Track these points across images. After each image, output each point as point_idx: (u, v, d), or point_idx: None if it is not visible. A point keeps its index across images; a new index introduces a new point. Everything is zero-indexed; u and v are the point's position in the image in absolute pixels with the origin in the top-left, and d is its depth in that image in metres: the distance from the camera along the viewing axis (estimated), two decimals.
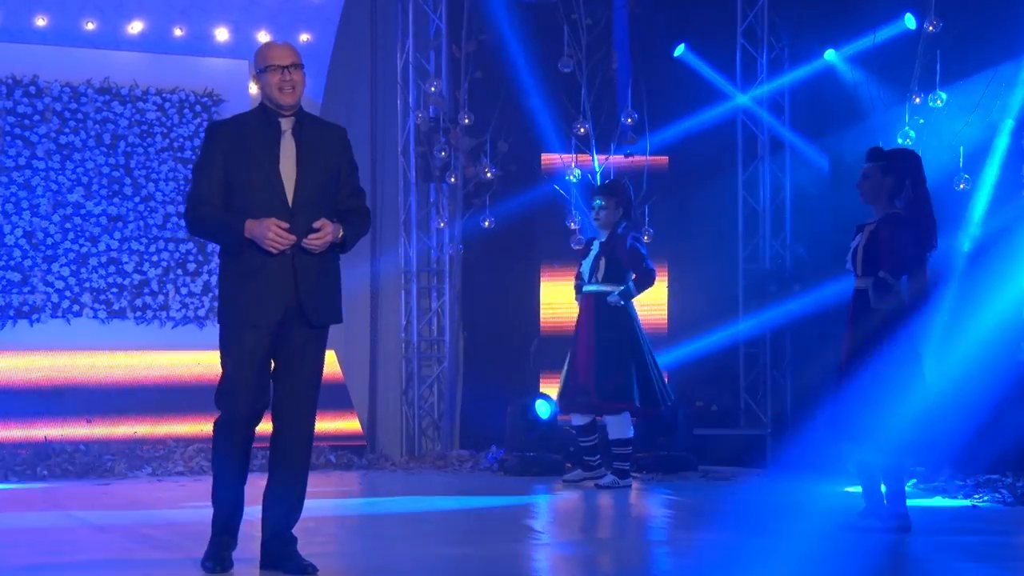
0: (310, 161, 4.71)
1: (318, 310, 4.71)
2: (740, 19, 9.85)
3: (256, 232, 4.62)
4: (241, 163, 4.69)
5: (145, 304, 9.60)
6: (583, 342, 7.93)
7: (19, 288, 9.31)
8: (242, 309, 4.68)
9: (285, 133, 4.74)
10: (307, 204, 4.68)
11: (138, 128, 9.62)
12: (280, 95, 4.72)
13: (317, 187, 4.71)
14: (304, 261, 4.67)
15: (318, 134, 4.79)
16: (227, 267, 4.77)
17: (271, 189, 4.66)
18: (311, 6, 9.86)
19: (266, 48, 4.83)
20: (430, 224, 10.02)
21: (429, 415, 9.99)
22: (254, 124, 4.79)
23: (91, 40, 9.51)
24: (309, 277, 4.68)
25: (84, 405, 9.07)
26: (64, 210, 9.43)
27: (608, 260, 7.95)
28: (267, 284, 4.66)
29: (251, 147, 4.72)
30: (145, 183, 9.65)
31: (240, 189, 4.68)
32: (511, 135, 9.69)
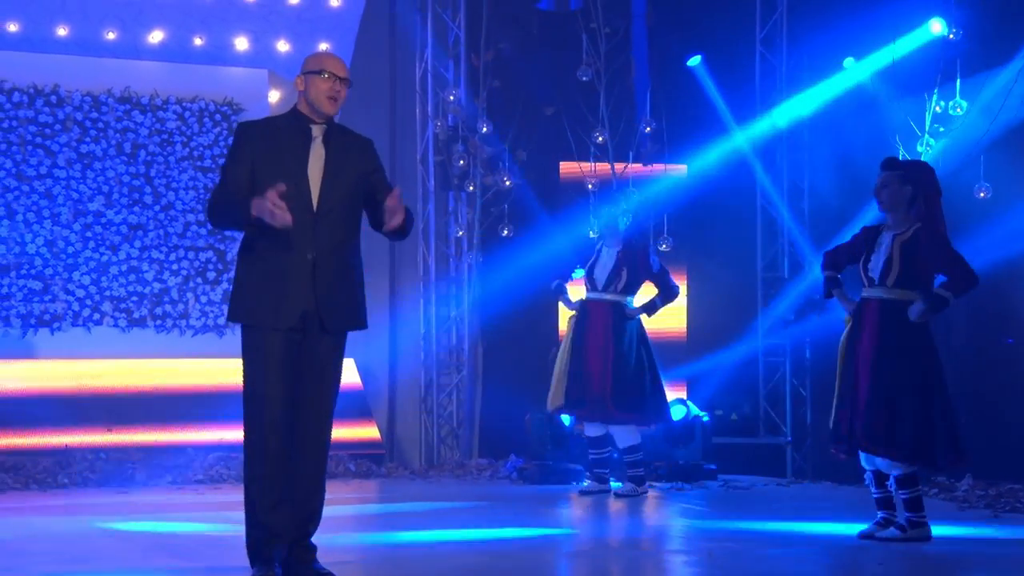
0: (338, 168, 4.72)
1: (336, 315, 4.69)
2: (759, 27, 9.85)
3: (259, 205, 4.56)
4: (270, 163, 4.68)
5: (165, 312, 9.62)
6: (597, 351, 7.88)
7: (40, 297, 9.35)
8: (260, 311, 4.65)
9: (315, 140, 4.74)
10: (332, 210, 4.68)
11: (158, 137, 9.66)
12: (327, 103, 4.73)
13: (343, 194, 4.71)
14: (325, 266, 4.66)
15: (347, 143, 4.80)
16: (245, 270, 4.74)
17: (297, 192, 4.64)
18: (330, 15, 9.89)
19: (324, 55, 4.86)
20: (449, 233, 10.06)
21: (448, 423, 9.99)
22: (285, 127, 4.79)
23: (112, 50, 9.54)
24: (329, 282, 4.66)
25: (104, 413, 9.09)
26: (85, 219, 9.47)
27: (630, 271, 7.92)
28: (285, 287, 4.64)
29: (281, 149, 4.71)
30: (165, 192, 9.67)
31: (267, 188, 4.63)
32: (529, 144, 9.73)
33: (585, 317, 7.95)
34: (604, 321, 7.93)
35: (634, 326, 7.96)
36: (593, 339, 7.94)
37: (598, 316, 7.94)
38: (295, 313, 4.64)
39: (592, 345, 7.92)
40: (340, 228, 4.69)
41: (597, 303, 7.96)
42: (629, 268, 7.91)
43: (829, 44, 9.33)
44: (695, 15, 9.81)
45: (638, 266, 7.94)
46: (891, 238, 6.07)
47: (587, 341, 7.93)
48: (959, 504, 7.50)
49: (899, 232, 6.06)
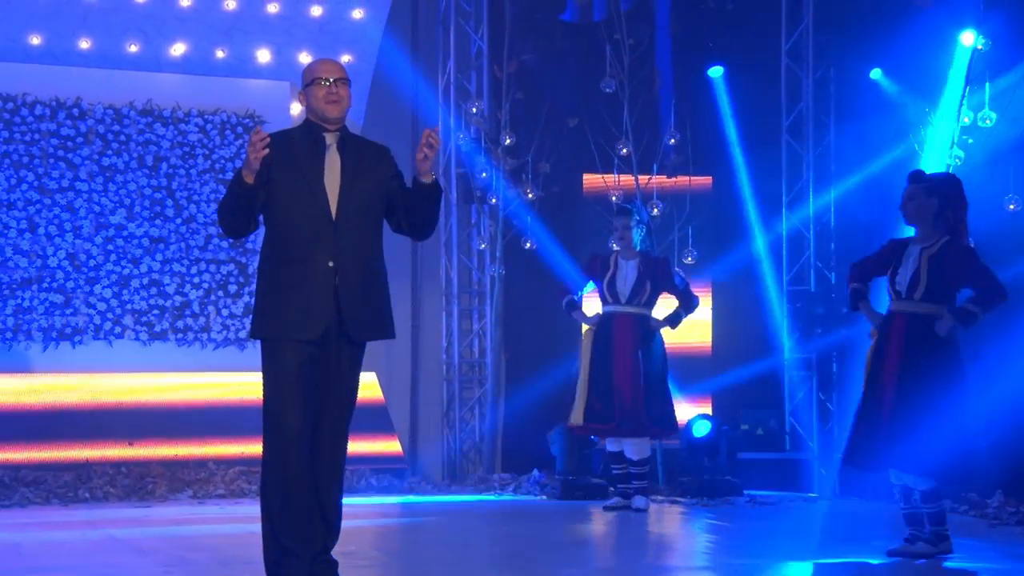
0: (355, 174, 4.69)
1: (361, 325, 4.63)
2: (784, 39, 9.78)
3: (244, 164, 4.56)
4: (285, 174, 4.65)
5: (186, 326, 9.61)
6: (626, 365, 7.85)
7: (62, 310, 9.35)
8: (283, 323, 4.60)
9: (330, 147, 4.72)
10: (350, 217, 4.64)
11: (180, 150, 9.66)
12: (327, 107, 4.71)
13: (361, 201, 4.68)
14: (347, 273, 4.62)
15: (363, 150, 4.78)
16: (265, 282, 4.70)
17: (314, 200, 4.63)
18: (353, 27, 9.87)
19: (313, 63, 4.84)
20: (471, 245, 10.03)
21: (470, 438, 9.96)
22: (299, 137, 4.78)
23: (134, 62, 9.55)
24: (352, 290, 4.62)
25: (125, 427, 9.07)
26: (106, 232, 9.48)
27: (654, 284, 7.90)
28: (308, 298, 4.59)
29: (296, 158, 4.69)
30: (187, 204, 9.68)
31: (282, 199, 4.64)
32: (553, 156, 9.70)
33: (608, 331, 7.91)
34: (631, 334, 7.89)
35: (659, 339, 7.95)
36: (620, 353, 7.90)
37: (624, 330, 7.90)
38: (319, 325, 4.60)
39: (619, 359, 7.88)
40: (360, 234, 4.66)
41: (622, 316, 7.92)
42: (652, 281, 7.90)
43: (857, 56, 9.30)
44: (719, 26, 9.75)
45: (660, 278, 7.92)
46: (919, 251, 6.03)
47: (613, 355, 7.89)
48: (990, 521, 7.42)
49: (927, 245, 6.02)
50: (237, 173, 4.61)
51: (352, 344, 4.65)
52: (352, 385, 4.71)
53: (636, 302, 7.91)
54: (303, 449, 4.62)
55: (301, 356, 4.61)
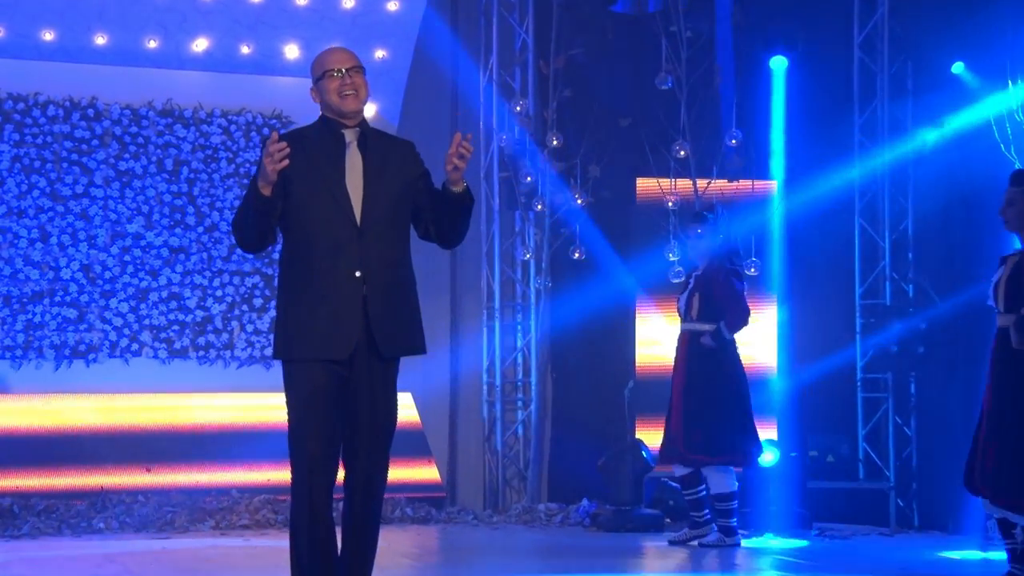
0: (379, 175, 4.65)
1: (392, 339, 4.59)
2: (857, 30, 9.72)
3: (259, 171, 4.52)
4: (303, 177, 4.60)
5: (208, 343, 9.64)
6: (675, 386, 7.90)
7: (75, 326, 9.38)
8: (307, 342, 4.57)
9: (350, 145, 4.67)
10: (377, 221, 4.61)
11: (202, 153, 9.68)
12: (341, 100, 4.66)
13: (387, 203, 4.64)
14: (375, 284, 4.58)
15: (386, 147, 4.74)
16: (288, 295, 4.66)
17: (336, 205, 4.59)
18: (387, 20, 9.89)
19: (322, 55, 4.77)
20: (515, 255, 10.02)
21: (514, 464, 9.95)
22: (316, 137, 4.72)
23: (153, 59, 9.57)
24: (381, 302, 4.59)
25: (143, 452, 9.09)
26: (123, 241, 9.51)
27: (703, 296, 7.88)
28: (334, 313, 4.56)
29: (314, 159, 4.64)
30: (209, 212, 9.69)
31: (302, 206, 4.60)
32: (603, 158, 9.68)
33: (676, 351, 8.01)
34: (681, 353, 7.94)
35: (717, 356, 7.86)
36: (675, 374, 7.96)
37: (680, 349, 7.98)
38: (347, 343, 4.56)
39: (673, 382, 7.94)
40: (388, 241, 4.62)
41: (681, 335, 8.02)
42: (703, 293, 7.86)
43: (938, 47, 9.23)
44: (786, 16, 9.70)
45: (714, 290, 7.87)
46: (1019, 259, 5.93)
47: (671, 378, 7.98)
48: None
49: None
50: (252, 183, 4.57)
51: (383, 361, 4.60)
52: (388, 407, 4.66)
53: (688, 318, 7.93)
54: (331, 479, 4.60)
55: (328, 378, 4.57)
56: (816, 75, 9.63)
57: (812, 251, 9.70)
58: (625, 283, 9.54)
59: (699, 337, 7.84)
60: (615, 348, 9.54)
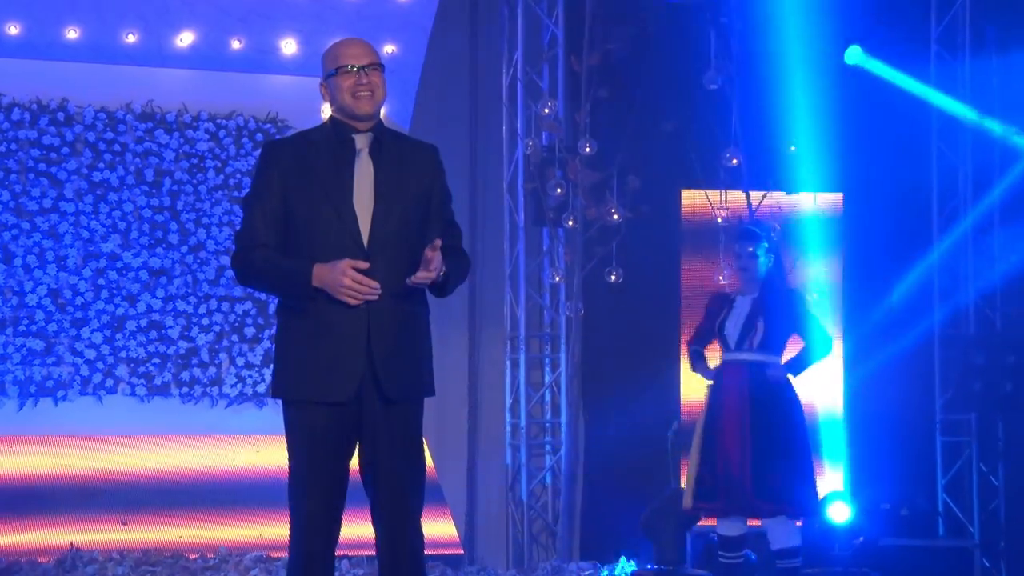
0: (393, 189, 4.66)
1: (396, 381, 4.61)
2: (935, 20, 9.72)
3: (328, 279, 4.53)
4: (305, 191, 4.62)
5: (193, 378, 9.59)
6: (733, 426, 7.77)
7: (42, 359, 9.34)
8: (305, 381, 4.61)
9: (361, 153, 4.68)
10: (387, 244, 4.62)
11: (187, 162, 9.64)
12: (355, 102, 4.65)
13: (400, 223, 4.65)
14: (382, 319, 4.59)
15: (403, 154, 4.73)
16: (286, 328, 4.69)
17: (342, 225, 4.60)
18: (397, 12, 9.88)
19: (336, 46, 4.77)
20: (543, 278, 10.00)
21: (541, 517, 9.91)
22: (321, 143, 4.70)
23: (131, 56, 9.52)
24: (387, 339, 4.60)
25: (119, 503, 9.05)
26: (96, 263, 9.46)
27: (768, 322, 7.79)
28: (336, 349, 4.59)
29: (318, 171, 4.64)
30: (195, 229, 9.65)
31: (302, 225, 4.62)
32: (643, 168, 9.59)
33: (719, 385, 7.83)
34: (739, 388, 7.81)
35: (781, 392, 7.82)
36: (728, 412, 7.81)
37: (732, 382, 7.83)
38: (350, 383, 4.59)
39: (727, 419, 7.80)
40: (398, 267, 4.61)
41: (731, 366, 7.85)
42: (767, 317, 7.79)
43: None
44: (851, 5, 9.71)
45: (779, 314, 7.82)
46: None
47: (721, 414, 7.82)
48: None
49: None
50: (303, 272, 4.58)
51: (390, 402, 4.62)
52: (409, 455, 4.68)
53: (746, 346, 7.80)
54: (332, 537, 4.65)
55: (330, 421, 4.61)
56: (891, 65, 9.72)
57: (884, 273, 9.70)
58: (669, 310, 9.54)
59: (764, 369, 7.75)
60: (657, 384, 9.52)
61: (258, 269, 4.67)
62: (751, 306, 7.81)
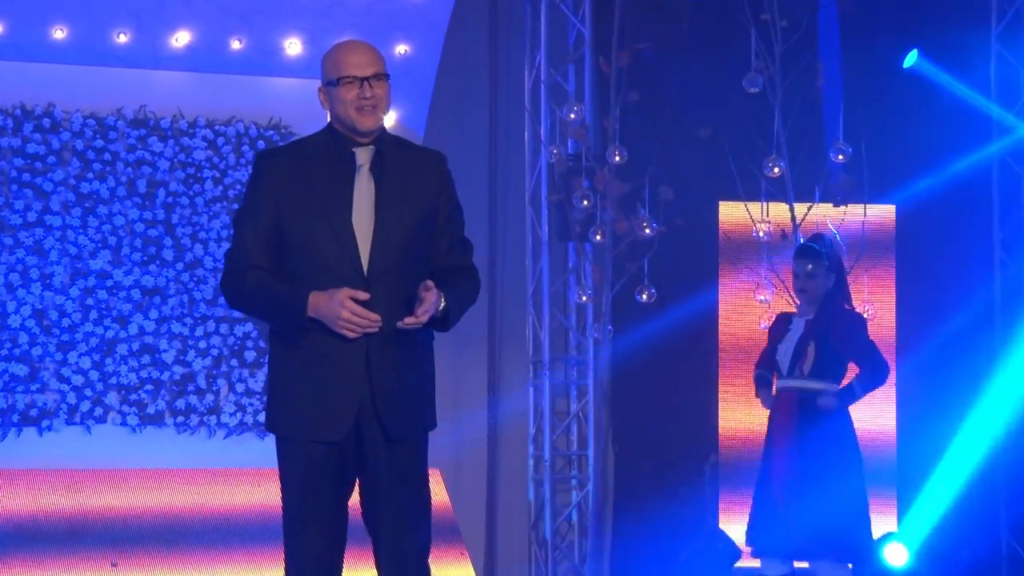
0: (395, 208, 4.67)
1: (399, 417, 4.65)
2: (995, 19, 9.61)
3: (324, 309, 4.56)
4: (300, 210, 4.64)
5: (189, 406, 9.54)
6: (781, 460, 7.80)
7: (25, 385, 9.29)
8: (299, 417, 4.65)
9: (361, 168, 4.69)
10: (389, 270, 4.64)
11: (182, 172, 9.58)
12: (359, 116, 4.67)
13: (403, 246, 4.66)
14: (383, 351, 4.61)
15: (407, 166, 4.74)
16: (279, 358, 4.74)
17: (340, 247, 4.62)
18: (411, 9, 9.86)
19: (338, 52, 4.75)
20: (568, 298, 10.00)
21: (567, 559, 9.82)
22: (318, 156, 4.71)
23: (123, 57, 9.46)
24: (389, 372, 4.64)
25: (108, 543, 8.95)
26: (85, 281, 9.39)
27: (820, 345, 7.78)
28: (333, 383, 4.62)
29: (315, 188, 4.66)
30: (191, 245, 9.59)
31: (296, 247, 4.64)
32: (678, 178, 9.52)
33: (773, 415, 7.95)
34: (788, 418, 7.85)
35: (838, 423, 7.81)
36: (777, 444, 7.88)
37: (784, 411, 7.88)
38: (345, 420, 4.62)
39: (776, 452, 7.86)
40: (401, 293, 4.64)
41: (783, 394, 7.90)
42: (819, 341, 7.79)
43: None
44: (904, 2, 9.71)
45: (832, 338, 7.81)
46: None
47: (772, 448, 7.90)
48: None
49: None
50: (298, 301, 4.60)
51: (390, 439, 4.67)
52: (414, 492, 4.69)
53: (797, 373, 7.83)
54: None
55: (327, 458, 4.65)
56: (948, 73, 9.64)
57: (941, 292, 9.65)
58: (705, 332, 9.60)
59: (814, 399, 7.76)
60: (693, 413, 9.53)
61: (250, 294, 4.68)
62: (804, 329, 7.83)
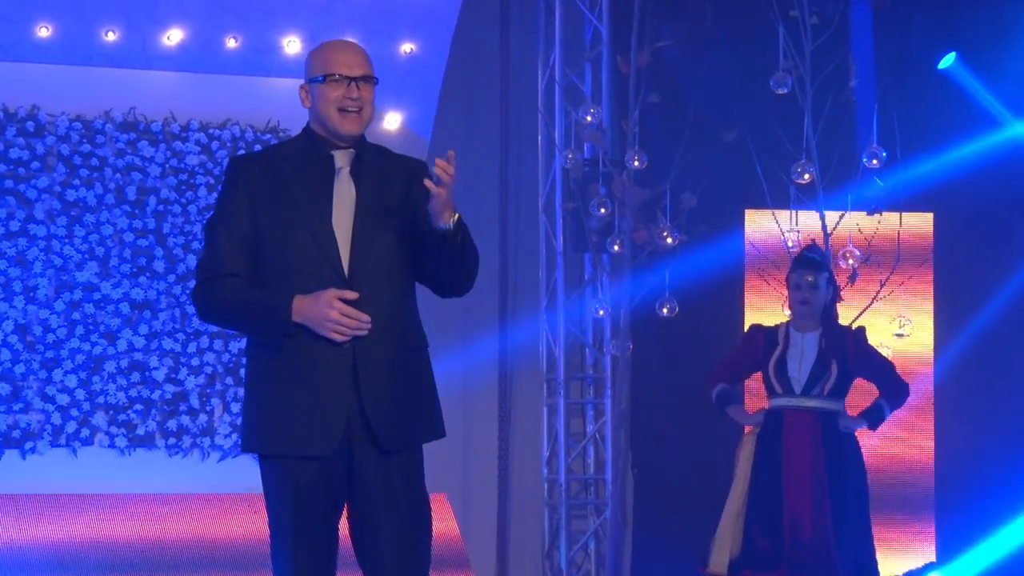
0: (376, 210, 4.71)
1: (392, 427, 4.65)
2: None
3: (310, 312, 4.58)
4: (278, 215, 4.67)
5: (181, 427, 9.48)
6: (805, 483, 7.74)
7: (8, 405, 9.21)
8: (282, 432, 4.64)
9: (341, 172, 4.72)
10: (371, 274, 4.68)
11: (175, 178, 9.54)
12: (341, 119, 4.68)
13: (386, 248, 4.71)
14: (370, 356, 4.63)
15: (387, 171, 4.79)
16: (258, 370, 4.73)
17: (320, 251, 4.66)
18: (417, 4, 9.83)
19: (327, 48, 4.78)
20: (584, 312, 9.98)
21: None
22: (296, 159, 4.73)
23: (112, 57, 9.43)
24: (378, 379, 4.65)
25: (96, 572, 8.89)
26: (70, 294, 9.33)
27: (842, 366, 7.76)
28: (319, 393, 4.63)
29: (293, 192, 4.69)
30: (183, 255, 9.54)
31: (274, 254, 4.67)
32: (700, 183, 9.44)
33: (777, 434, 7.85)
34: (811, 439, 7.80)
35: (850, 446, 7.83)
36: (795, 466, 7.81)
37: (800, 432, 7.83)
38: (332, 433, 4.62)
39: (793, 475, 7.80)
40: (386, 297, 4.69)
41: (797, 414, 7.83)
42: (839, 360, 7.75)
43: None
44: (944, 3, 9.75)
45: (852, 357, 7.79)
46: None
47: (783, 469, 7.82)
48: None
49: None
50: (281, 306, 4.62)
51: (390, 453, 4.68)
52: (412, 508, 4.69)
53: (816, 392, 7.78)
54: None
55: (315, 475, 4.64)
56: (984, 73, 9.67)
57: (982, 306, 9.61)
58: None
59: (834, 419, 7.72)
60: (718, 436, 9.25)
61: (225, 302, 4.66)
62: (820, 345, 7.77)
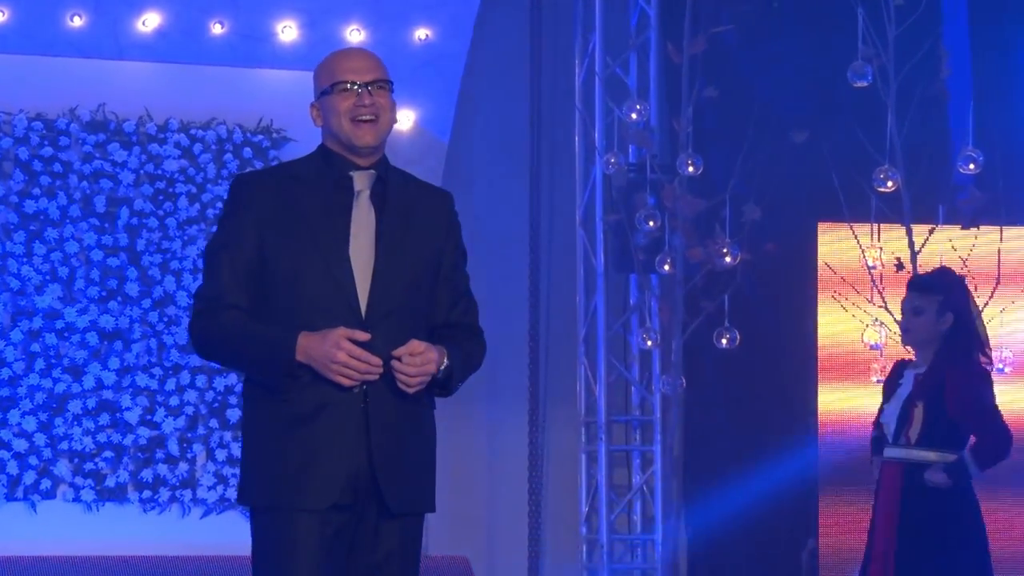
0: (399, 242, 4.77)
1: (402, 487, 4.73)
2: None
3: (317, 353, 4.62)
4: (288, 242, 4.73)
5: (158, 478, 9.46)
6: (878, 549, 7.65)
7: None
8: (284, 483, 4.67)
9: (360, 195, 4.78)
10: (391, 313, 4.72)
11: (151, 187, 9.54)
12: (354, 129, 4.74)
13: (408, 286, 4.76)
14: (384, 405, 4.68)
15: (412, 199, 4.85)
16: (258, 414, 4.78)
17: (335, 285, 4.71)
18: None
19: (331, 59, 4.87)
20: (629, 342, 9.99)
21: None
22: (310, 180, 4.78)
23: (78, 45, 9.48)
24: (390, 431, 4.70)
25: None
26: (29, 323, 9.36)
27: (929, 406, 7.52)
28: (323, 441, 4.67)
29: (306, 217, 4.74)
30: (160, 277, 9.52)
31: (283, 286, 4.73)
32: (766, 193, 9.41)
33: (876, 490, 7.79)
34: (891, 492, 7.66)
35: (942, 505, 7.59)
36: (882, 530, 7.69)
37: (885, 488, 7.71)
38: (338, 483, 4.67)
39: (876, 540, 7.70)
40: (403, 340, 4.69)
41: (888, 466, 7.72)
42: (928, 401, 7.52)
43: None
44: None
45: (947, 398, 7.55)
46: None
47: (873, 535, 7.75)
48: None
49: None
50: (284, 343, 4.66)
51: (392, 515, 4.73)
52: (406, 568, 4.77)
53: (902, 441, 7.60)
54: None
55: (316, 532, 4.67)
56: None
57: None
58: (801, 383, 9.58)
59: (921, 472, 7.53)
60: (786, 490, 9.40)
61: (227, 337, 4.70)
62: (913, 385, 7.62)
